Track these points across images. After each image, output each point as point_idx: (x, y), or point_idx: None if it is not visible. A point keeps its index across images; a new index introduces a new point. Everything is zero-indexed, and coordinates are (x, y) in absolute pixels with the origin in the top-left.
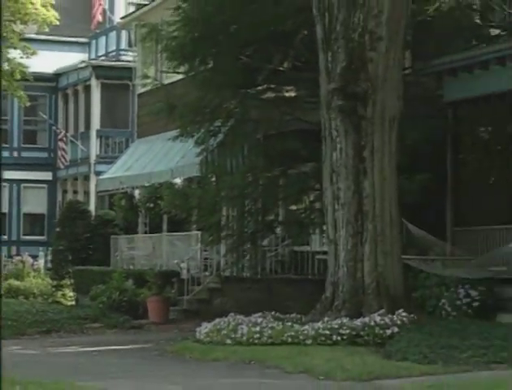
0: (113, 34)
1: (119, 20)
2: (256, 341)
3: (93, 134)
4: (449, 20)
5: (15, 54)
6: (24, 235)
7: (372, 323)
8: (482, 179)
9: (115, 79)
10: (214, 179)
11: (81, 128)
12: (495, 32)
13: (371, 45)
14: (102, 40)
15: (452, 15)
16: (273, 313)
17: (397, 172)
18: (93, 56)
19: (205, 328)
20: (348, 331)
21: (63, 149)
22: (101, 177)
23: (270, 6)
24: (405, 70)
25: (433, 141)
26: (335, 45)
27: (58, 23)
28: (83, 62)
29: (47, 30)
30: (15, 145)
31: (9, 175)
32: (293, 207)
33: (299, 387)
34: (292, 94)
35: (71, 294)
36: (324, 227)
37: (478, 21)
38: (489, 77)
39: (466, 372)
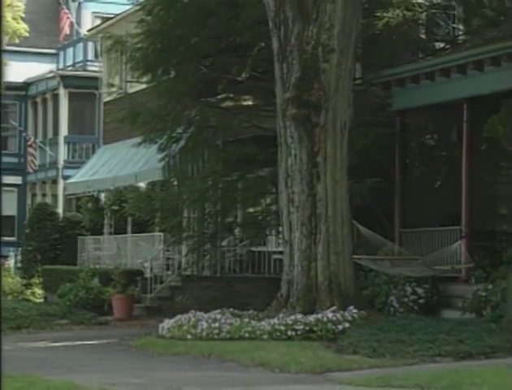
0: (80, 46)
1: (86, 33)
2: (215, 336)
3: (61, 140)
4: (396, 34)
5: None
6: None
7: (325, 319)
8: (427, 184)
9: (82, 88)
10: (176, 183)
11: (50, 135)
12: (440, 45)
13: (324, 57)
14: (70, 51)
15: (399, 30)
16: (231, 309)
17: (347, 176)
18: (61, 66)
19: (167, 324)
20: (302, 327)
21: (32, 155)
22: (68, 181)
23: (228, 19)
24: (355, 80)
25: (382, 147)
26: (290, 57)
27: (27, 35)
28: (51, 72)
29: (17, 42)
30: None
31: None
32: (251, 210)
33: (256, 379)
34: (250, 103)
35: (40, 292)
36: (280, 229)
37: (423, 35)
38: (435, 87)
39: (413, 365)
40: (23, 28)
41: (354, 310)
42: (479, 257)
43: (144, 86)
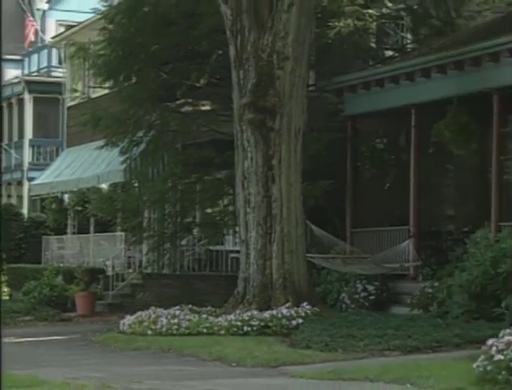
0: (44, 52)
1: (50, 40)
2: (174, 332)
3: (26, 143)
4: (348, 43)
5: None
6: None
7: (279, 315)
8: (377, 186)
9: (47, 93)
10: (136, 184)
11: (15, 138)
12: (389, 53)
13: (279, 65)
14: (35, 57)
15: (351, 39)
16: (190, 306)
17: (301, 179)
18: (26, 72)
19: (128, 320)
20: (257, 323)
21: None
22: (33, 183)
23: (187, 28)
24: (309, 87)
25: (334, 151)
26: (246, 64)
27: None
28: (16, 77)
29: None
30: None
31: None
32: (209, 210)
33: (213, 373)
34: (208, 108)
35: (6, 290)
36: (237, 229)
37: (374, 44)
38: (384, 94)
39: (363, 359)
40: None
41: (307, 307)
42: (426, 256)
43: (106, 91)
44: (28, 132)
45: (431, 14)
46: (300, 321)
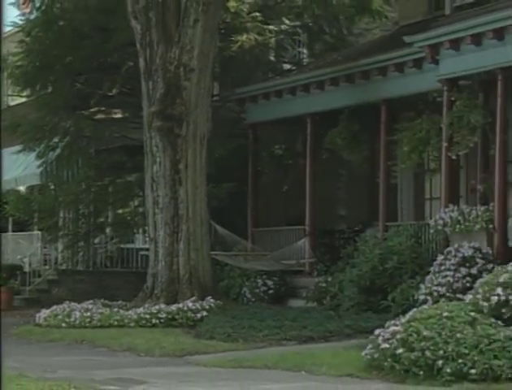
0: None
1: None
2: (87, 324)
3: None
4: (249, 56)
5: None
6: None
7: (185, 308)
8: (276, 188)
9: None
10: (52, 187)
11: None
12: (287, 66)
13: (185, 76)
14: None
15: (252, 52)
16: (102, 300)
17: (206, 182)
18: None
19: (44, 314)
20: (165, 315)
21: None
22: None
23: (100, 41)
24: (213, 97)
25: (237, 156)
26: (155, 75)
27: None
28: None
29: None
30: None
31: None
32: (120, 211)
33: (123, 362)
34: (120, 115)
35: None
36: (146, 228)
37: (273, 57)
38: (282, 104)
39: (262, 348)
40: None
41: (212, 300)
42: (320, 253)
43: (24, 99)
44: None
45: (325, 31)
46: (204, 314)
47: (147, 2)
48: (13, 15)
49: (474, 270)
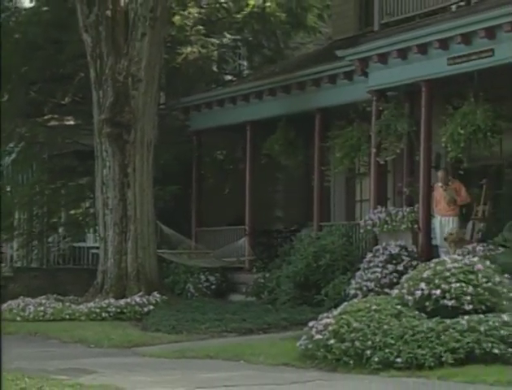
0: None
1: None
2: (41, 318)
3: None
4: (193, 68)
5: None
6: None
7: (133, 303)
8: (218, 191)
9: None
10: (9, 189)
11: None
12: (228, 77)
13: (133, 86)
14: None
15: (196, 64)
16: (55, 295)
17: (153, 184)
18: None
19: None
20: (114, 309)
21: None
22: None
23: (53, 52)
24: (160, 105)
25: (182, 161)
26: (105, 85)
27: None
28: None
29: None
30: None
31: None
32: (72, 212)
33: (75, 353)
34: (72, 123)
35: None
36: (97, 228)
37: (215, 69)
38: (224, 112)
39: (205, 339)
40: None
41: (158, 295)
42: (259, 251)
43: None
44: None
45: (263, 45)
46: (151, 308)
47: (97, 16)
48: None
49: (400, 267)
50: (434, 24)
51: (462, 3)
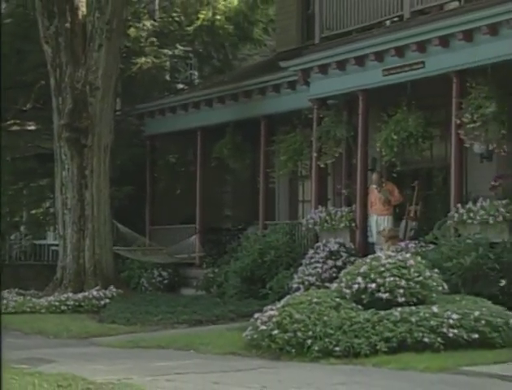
0: None
1: None
2: (3, 311)
3: None
4: (148, 76)
5: None
6: None
7: (91, 296)
8: (171, 191)
9: None
10: None
11: None
12: (180, 86)
13: (91, 93)
14: None
15: (150, 73)
16: (17, 290)
17: (109, 185)
18: None
19: None
20: (72, 303)
21: None
22: None
23: (16, 61)
24: (116, 111)
25: (137, 163)
26: (64, 92)
27: None
28: None
29: None
30: None
31: None
32: (34, 211)
33: (35, 344)
34: (33, 127)
35: None
36: (56, 226)
37: (168, 78)
38: (176, 119)
39: (157, 330)
40: None
41: (114, 289)
42: (208, 248)
43: None
44: None
45: (213, 56)
46: (107, 301)
47: (57, 28)
48: None
49: (339, 263)
50: (370, 38)
51: (395, 19)
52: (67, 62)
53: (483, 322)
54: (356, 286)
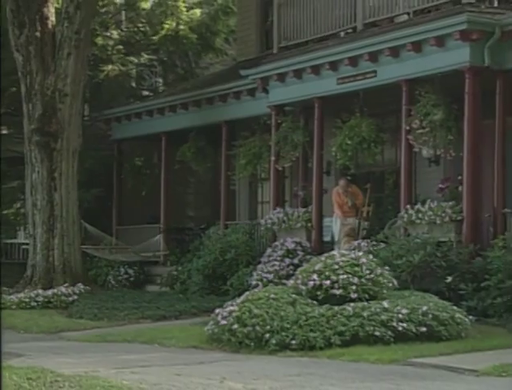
0: None
1: None
2: None
3: None
4: (115, 83)
5: None
6: None
7: (59, 293)
8: (137, 193)
9: None
10: None
11: None
12: (145, 93)
13: (60, 100)
14: None
15: (117, 80)
16: None
17: (77, 187)
18: None
19: None
20: (42, 299)
21: None
22: None
23: None
24: (84, 117)
25: (104, 166)
26: (34, 99)
27: None
28: None
29: None
30: None
31: None
32: (5, 212)
33: (5, 338)
34: (5, 132)
35: None
36: (27, 226)
37: (134, 85)
38: (142, 124)
39: (123, 325)
40: None
41: (82, 286)
42: (172, 247)
43: None
44: None
45: (176, 64)
46: (75, 297)
47: (27, 37)
48: None
49: (296, 260)
50: (325, 49)
51: (349, 31)
52: (37, 69)
53: (430, 316)
54: (311, 283)
